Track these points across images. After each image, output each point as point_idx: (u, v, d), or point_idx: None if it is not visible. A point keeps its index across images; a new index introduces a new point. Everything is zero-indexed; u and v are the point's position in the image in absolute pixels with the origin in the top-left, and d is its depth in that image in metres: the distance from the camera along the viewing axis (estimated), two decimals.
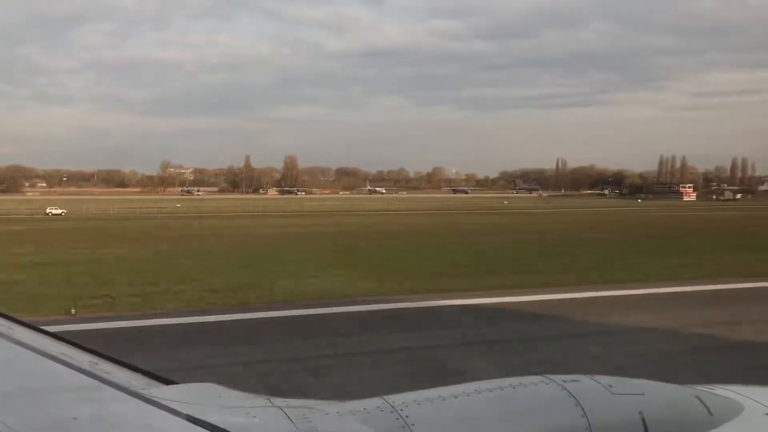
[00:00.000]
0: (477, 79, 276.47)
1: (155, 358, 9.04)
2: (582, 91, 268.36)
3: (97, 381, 1.71)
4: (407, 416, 1.56)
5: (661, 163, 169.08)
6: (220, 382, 1.86)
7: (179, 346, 10.72)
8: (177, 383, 1.81)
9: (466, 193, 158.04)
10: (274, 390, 7.90)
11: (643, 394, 1.75)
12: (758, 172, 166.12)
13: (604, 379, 1.77)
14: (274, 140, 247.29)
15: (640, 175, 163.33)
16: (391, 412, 1.58)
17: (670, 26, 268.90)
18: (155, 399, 1.58)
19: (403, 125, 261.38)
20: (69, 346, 2.11)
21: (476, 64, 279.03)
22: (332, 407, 1.65)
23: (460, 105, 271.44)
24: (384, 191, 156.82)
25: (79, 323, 12.30)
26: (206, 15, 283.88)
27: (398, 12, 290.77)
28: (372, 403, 1.63)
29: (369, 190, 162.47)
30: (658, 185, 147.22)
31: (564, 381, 1.73)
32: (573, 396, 1.65)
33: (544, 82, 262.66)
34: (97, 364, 1.90)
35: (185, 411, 1.49)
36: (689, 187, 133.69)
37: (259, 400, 1.69)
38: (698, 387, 1.96)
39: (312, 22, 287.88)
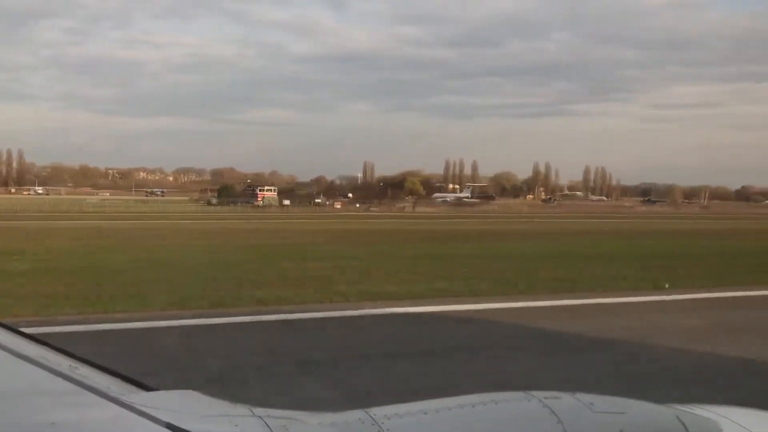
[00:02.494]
0: (444, 87, 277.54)
1: None
2: (546, 101, 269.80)
3: (75, 385, 1.69)
4: (388, 429, 1.56)
5: (446, 167, 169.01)
6: None
7: None
8: (157, 389, 1.79)
9: (158, 195, 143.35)
10: None
11: (623, 413, 1.75)
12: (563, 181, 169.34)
13: (586, 397, 1.78)
14: (234, 142, 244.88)
15: (421, 181, 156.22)
16: (372, 424, 1.57)
17: (631, 39, 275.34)
18: (134, 405, 1.56)
19: (364, 130, 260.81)
20: (47, 348, 2.08)
21: (443, 72, 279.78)
22: (313, 418, 1.64)
23: (427, 112, 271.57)
24: (41, 191, 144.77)
25: None
26: (169, 15, 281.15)
27: (363, 17, 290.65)
28: (353, 415, 1.63)
29: (34, 190, 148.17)
30: (248, 187, 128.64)
31: (545, 398, 1.73)
32: (555, 413, 1.66)
33: (509, 91, 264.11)
34: (76, 368, 1.87)
35: (165, 418, 1.48)
36: (270, 191, 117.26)
37: (239, 409, 1.68)
38: (679, 406, 1.97)
39: (276, 24, 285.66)
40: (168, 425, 1.45)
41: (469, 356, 9.05)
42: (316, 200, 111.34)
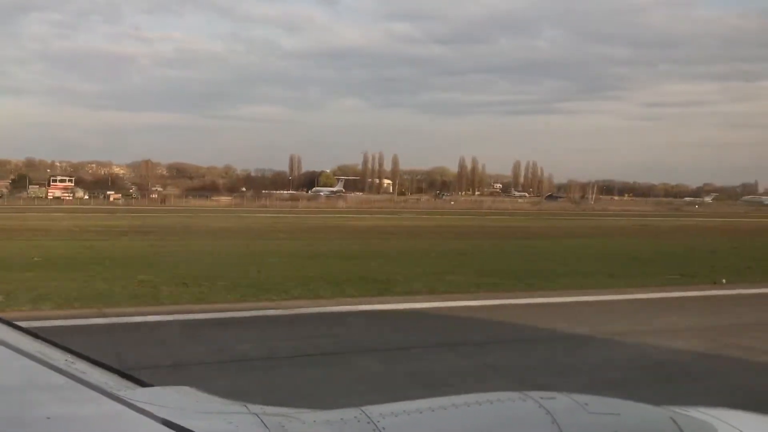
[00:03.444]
0: (435, 84, 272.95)
1: None
2: (538, 99, 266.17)
3: (72, 380, 1.69)
4: (384, 428, 1.57)
5: (365, 161, 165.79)
6: None
7: None
8: (153, 386, 1.80)
9: None
10: None
11: (618, 414, 1.76)
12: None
13: (581, 398, 1.79)
14: (222, 138, 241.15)
15: (334, 175, 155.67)
16: (368, 422, 1.58)
17: (622, 37, 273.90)
18: (131, 401, 1.56)
19: (353, 127, 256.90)
20: (44, 343, 2.08)
21: (434, 69, 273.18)
22: (309, 416, 1.65)
23: (418, 109, 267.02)
24: None
25: None
26: (158, 10, 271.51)
27: (353, 13, 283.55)
28: (349, 413, 1.63)
29: None
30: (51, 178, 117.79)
31: (541, 398, 1.74)
32: (550, 413, 1.66)
33: (501, 88, 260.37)
34: (72, 363, 1.87)
35: (161, 414, 1.48)
36: (65, 182, 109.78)
37: (235, 406, 1.69)
38: (673, 408, 1.98)
39: (265, 20, 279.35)
40: (164, 421, 1.45)
41: None
42: (108, 193, 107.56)
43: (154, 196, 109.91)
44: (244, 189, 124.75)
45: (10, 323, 2.27)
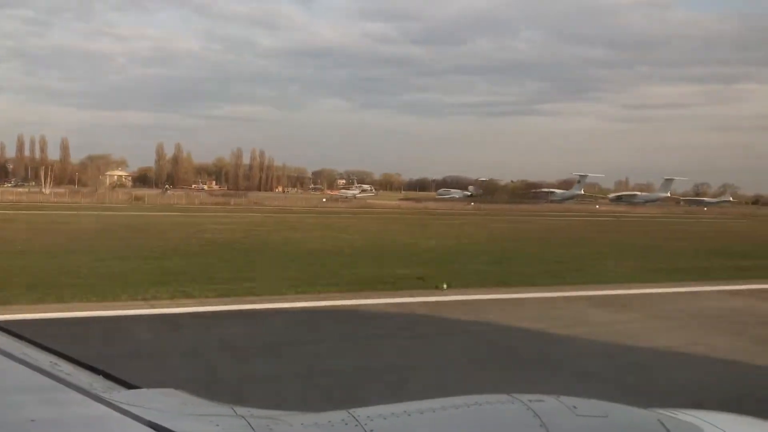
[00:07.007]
0: (414, 85, 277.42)
1: None
2: (518, 100, 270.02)
3: (56, 382, 1.67)
4: (372, 430, 1.56)
5: (19, 147, 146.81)
6: None
7: None
8: (139, 387, 1.78)
9: None
10: None
11: (606, 417, 1.77)
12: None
13: (569, 400, 1.79)
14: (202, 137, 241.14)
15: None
16: (356, 425, 1.58)
17: (600, 38, 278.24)
18: (116, 403, 1.55)
19: (328, 127, 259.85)
20: (28, 344, 2.06)
21: (413, 69, 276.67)
22: (296, 419, 1.64)
23: (398, 110, 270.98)
24: None
25: None
26: (131, 7, 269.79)
27: (329, 12, 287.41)
28: (337, 416, 1.63)
29: None
30: None
31: (530, 401, 1.74)
32: (538, 416, 1.67)
33: (480, 89, 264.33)
34: (57, 364, 1.85)
35: (147, 417, 1.47)
36: None
37: (222, 409, 1.68)
38: (661, 411, 1.99)
39: (240, 18, 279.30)
40: (150, 423, 1.44)
41: None
42: None
43: None
44: None
45: None
